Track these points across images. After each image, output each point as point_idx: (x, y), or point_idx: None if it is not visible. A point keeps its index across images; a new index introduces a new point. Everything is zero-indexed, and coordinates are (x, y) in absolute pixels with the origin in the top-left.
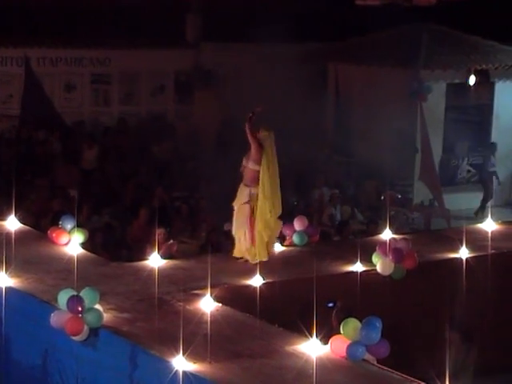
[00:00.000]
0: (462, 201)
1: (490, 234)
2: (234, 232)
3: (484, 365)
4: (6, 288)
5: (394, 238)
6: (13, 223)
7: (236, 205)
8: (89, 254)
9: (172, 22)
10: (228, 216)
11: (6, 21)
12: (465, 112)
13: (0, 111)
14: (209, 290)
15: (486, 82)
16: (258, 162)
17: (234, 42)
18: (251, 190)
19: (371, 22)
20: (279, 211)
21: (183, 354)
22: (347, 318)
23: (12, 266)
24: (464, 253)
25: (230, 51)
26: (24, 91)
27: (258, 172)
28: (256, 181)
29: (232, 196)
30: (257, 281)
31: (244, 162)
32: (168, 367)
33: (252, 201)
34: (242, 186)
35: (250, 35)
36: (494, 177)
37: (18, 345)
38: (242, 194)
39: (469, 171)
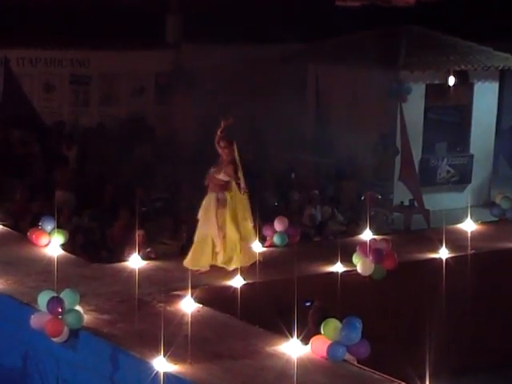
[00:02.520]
0: (442, 201)
1: (469, 234)
2: (196, 241)
3: (461, 364)
4: None
5: (374, 239)
6: None
7: (201, 215)
8: (69, 255)
9: (152, 22)
10: None
11: None
12: (444, 113)
13: None
14: (189, 291)
15: (466, 83)
16: (231, 176)
17: (214, 42)
18: (218, 196)
19: (351, 23)
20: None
21: (164, 355)
22: (323, 318)
23: None
24: (444, 253)
25: (211, 52)
26: (3, 91)
27: (226, 182)
28: (223, 188)
29: None
30: (237, 282)
31: (213, 173)
32: (149, 368)
33: (220, 206)
34: (208, 194)
35: (230, 36)
36: None
37: None
38: (209, 201)
39: (448, 171)
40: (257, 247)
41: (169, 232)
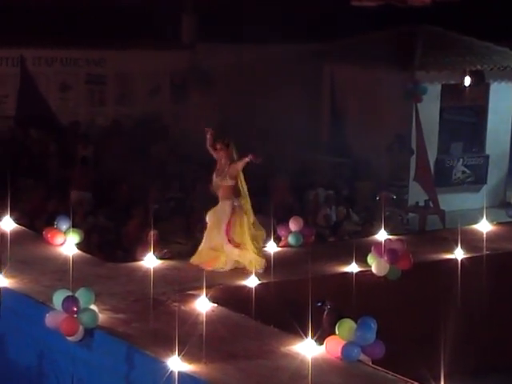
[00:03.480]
0: (457, 201)
1: (485, 235)
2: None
3: (476, 365)
4: (1, 288)
5: (389, 239)
6: (8, 224)
7: (213, 220)
8: (84, 254)
9: (168, 22)
10: None
11: (1, 21)
12: (460, 113)
13: None
14: (204, 290)
15: (481, 83)
16: (234, 177)
17: (229, 42)
18: (234, 202)
19: (366, 23)
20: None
21: (178, 355)
22: (338, 318)
23: (7, 267)
24: (459, 253)
25: (226, 52)
26: (19, 91)
27: (234, 186)
28: (235, 193)
29: None
30: (252, 281)
31: (217, 180)
32: (163, 368)
33: (235, 213)
34: (221, 201)
35: (245, 36)
36: None
37: (14, 345)
38: (224, 208)
39: (464, 172)
40: (271, 247)
41: (183, 231)
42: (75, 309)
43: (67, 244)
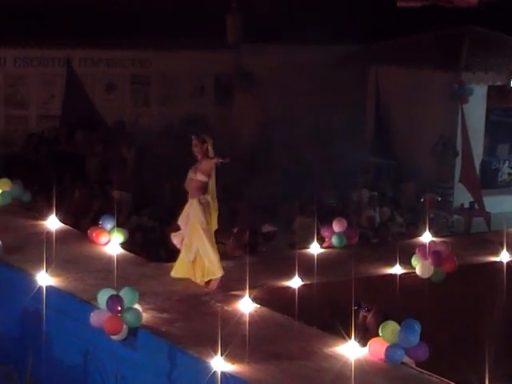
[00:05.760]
0: (503, 204)
1: None
2: (185, 252)
3: None
4: (46, 287)
5: (433, 241)
6: (53, 223)
7: (183, 222)
8: (128, 253)
9: (212, 23)
10: (266, 217)
11: (49, 22)
12: (506, 114)
13: (41, 111)
14: (247, 291)
15: None
16: (207, 174)
17: (274, 43)
18: (200, 200)
19: (412, 24)
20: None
21: (221, 355)
22: (384, 320)
23: (52, 265)
24: (505, 256)
25: (270, 53)
26: (66, 92)
27: (205, 183)
28: (202, 190)
29: (271, 197)
30: (295, 282)
31: (192, 175)
32: (206, 368)
33: (206, 211)
34: (189, 201)
35: (290, 36)
36: None
37: (59, 343)
38: (192, 209)
39: (510, 174)
40: (315, 248)
41: (226, 232)
42: (119, 308)
43: (112, 243)
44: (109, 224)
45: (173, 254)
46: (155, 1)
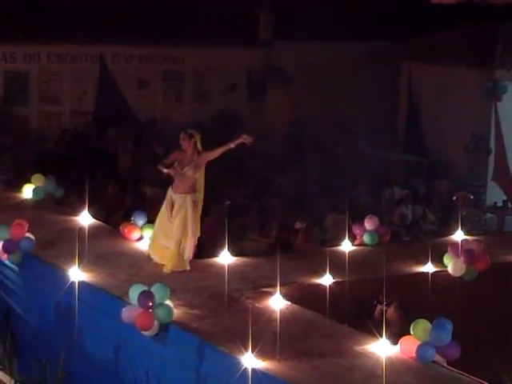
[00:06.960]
0: None
1: None
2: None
3: None
4: (79, 282)
5: (465, 239)
6: (86, 218)
7: (175, 217)
8: None
9: (245, 20)
10: (298, 214)
11: (82, 18)
12: None
13: (74, 107)
14: (278, 288)
15: None
16: (199, 170)
17: (306, 39)
18: (192, 197)
19: (445, 21)
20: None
21: (252, 352)
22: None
23: (85, 261)
24: None
25: (303, 49)
26: (98, 88)
27: (195, 179)
28: (194, 187)
29: (303, 194)
30: (327, 280)
31: (185, 171)
32: (237, 364)
33: (195, 209)
34: (179, 195)
35: (322, 33)
36: None
37: (91, 338)
38: (183, 203)
39: None
40: (346, 246)
41: (257, 228)
42: (151, 304)
43: (143, 239)
44: (141, 220)
45: (204, 249)
46: None
